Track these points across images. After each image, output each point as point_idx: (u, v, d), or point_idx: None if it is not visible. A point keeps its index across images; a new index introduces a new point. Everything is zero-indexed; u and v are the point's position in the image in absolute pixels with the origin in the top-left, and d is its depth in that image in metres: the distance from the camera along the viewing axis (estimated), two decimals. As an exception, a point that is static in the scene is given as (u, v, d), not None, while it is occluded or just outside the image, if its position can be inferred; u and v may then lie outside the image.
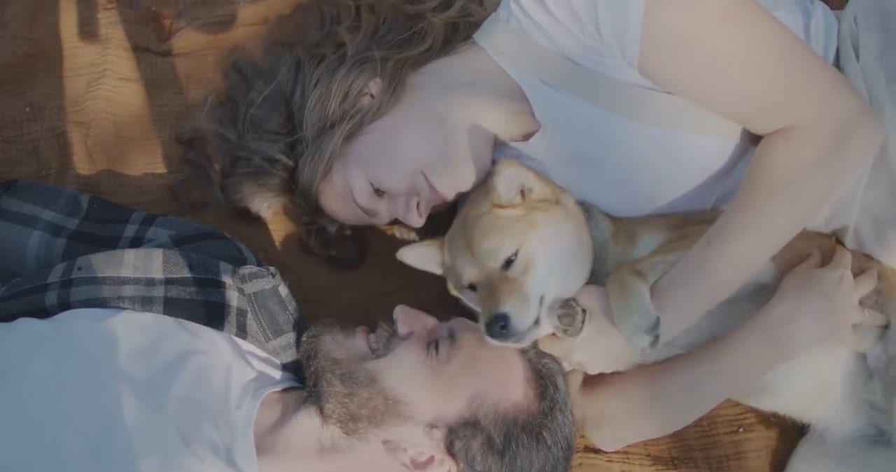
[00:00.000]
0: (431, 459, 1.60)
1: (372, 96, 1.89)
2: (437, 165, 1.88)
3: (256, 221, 2.14)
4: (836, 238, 1.93)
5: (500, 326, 1.64)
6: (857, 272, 1.84)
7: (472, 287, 1.77)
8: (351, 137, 1.89)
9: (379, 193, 1.92)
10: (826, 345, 1.79)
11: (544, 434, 1.64)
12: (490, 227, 1.76)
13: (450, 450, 1.60)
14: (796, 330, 1.74)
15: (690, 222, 1.85)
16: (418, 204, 1.92)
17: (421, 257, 1.93)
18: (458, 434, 1.59)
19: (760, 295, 1.80)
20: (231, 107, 2.08)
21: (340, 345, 1.72)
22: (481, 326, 1.67)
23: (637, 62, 1.68)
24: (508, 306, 1.66)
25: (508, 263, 1.71)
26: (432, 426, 1.60)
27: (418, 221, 1.94)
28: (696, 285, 1.69)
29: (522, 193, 1.79)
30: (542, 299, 1.70)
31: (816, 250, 1.86)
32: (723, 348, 1.78)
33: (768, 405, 1.95)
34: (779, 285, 1.80)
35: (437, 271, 1.93)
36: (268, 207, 2.10)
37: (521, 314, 1.67)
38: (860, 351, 1.82)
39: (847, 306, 1.77)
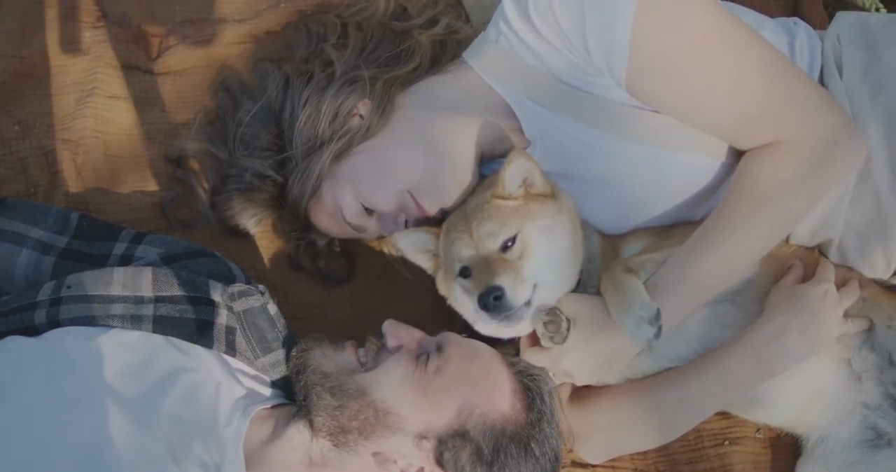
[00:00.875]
0: (421, 470, 1.61)
1: (361, 117, 1.90)
2: (425, 185, 1.90)
3: (245, 237, 2.14)
4: (819, 251, 1.95)
5: (494, 297, 1.65)
6: (840, 284, 1.87)
7: (465, 274, 1.77)
8: (340, 156, 1.90)
9: (368, 211, 1.93)
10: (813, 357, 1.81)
11: (532, 445, 1.66)
12: (491, 213, 1.78)
13: (439, 461, 1.61)
14: (785, 347, 1.77)
15: (672, 227, 1.88)
16: (406, 221, 1.94)
17: (415, 242, 1.93)
18: (447, 445, 1.60)
19: (742, 295, 1.83)
20: (220, 125, 2.10)
21: (330, 359, 1.73)
22: (474, 301, 1.68)
23: (625, 81, 1.70)
24: (503, 279, 1.68)
25: (506, 247, 1.74)
26: (422, 437, 1.61)
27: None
28: (680, 288, 1.72)
29: (525, 188, 1.82)
30: (535, 286, 1.71)
31: (798, 262, 1.89)
32: (712, 365, 1.80)
33: (759, 417, 1.98)
34: (765, 302, 1.83)
35: (426, 261, 1.93)
36: (257, 222, 2.10)
37: (516, 289, 1.68)
38: (845, 358, 1.85)
39: (832, 320, 1.81)
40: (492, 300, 1.65)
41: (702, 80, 1.69)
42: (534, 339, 1.76)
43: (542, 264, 1.74)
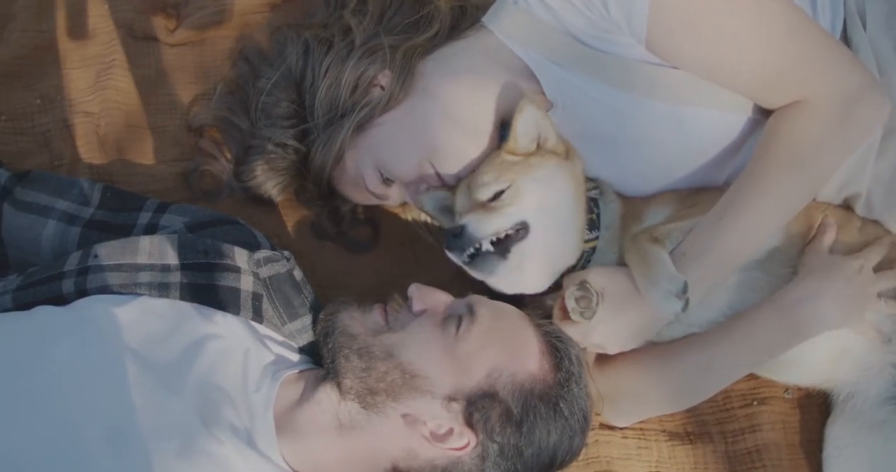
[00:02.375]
0: (451, 431, 1.61)
1: (382, 88, 1.90)
2: (444, 155, 1.90)
3: (269, 205, 2.15)
4: (846, 204, 1.94)
5: (453, 234, 1.70)
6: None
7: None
8: (361, 127, 1.90)
9: (388, 180, 1.93)
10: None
11: (561, 405, 1.65)
12: (493, 166, 1.81)
13: (468, 422, 1.60)
14: (815, 311, 1.76)
15: (698, 194, 1.86)
16: (427, 189, 1.95)
17: (436, 200, 1.96)
18: (476, 406, 1.60)
19: (771, 260, 1.82)
20: (241, 95, 2.10)
21: (357, 321, 1.73)
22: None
23: (645, 38, 1.69)
24: (468, 218, 1.72)
25: (497, 196, 1.76)
26: (451, 399, 1.61)
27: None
28: (708, 256, 1.71)
29: (539, 144, 1.83)
30: (519, 230, 1.74)
31: (831, 220, 1.87)
32: (741, 326, 1.79)
33: (787, 377, 1.97)
34: (799, 266, 1.82)
35: (449, 221, 1.95)
36: (280, 190, 2.11)
37: (480, 223, 1.72)
38: (873, 338, 1.83)
39: (865, 294, 1.79)
40: (448, 238, 1.70)
41: (722, 36, 1.67)
42: (565, 312, 1.75)
43: (535, 209, 1.75)
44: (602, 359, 1.89)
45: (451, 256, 1.75)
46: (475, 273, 1.78)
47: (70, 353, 1.58)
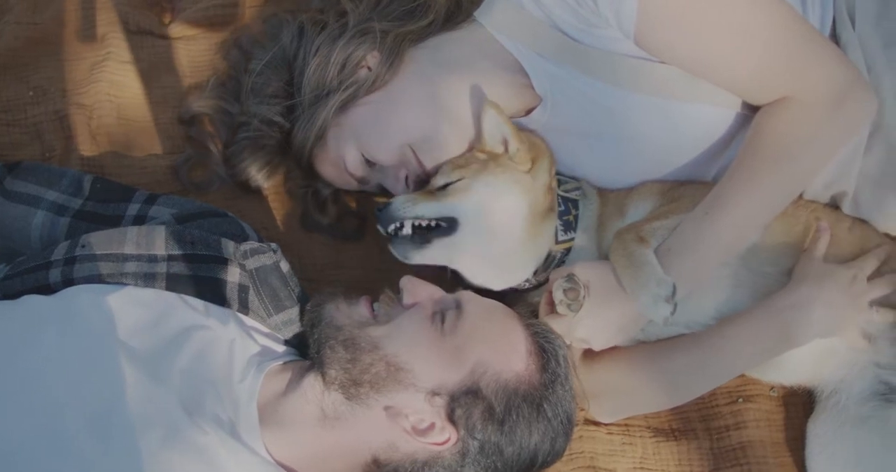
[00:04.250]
0: (432, 426, 1.60)
1: (369, 69, 1.90)
2: (426, 142, 1.90)
3: (257, 193, 2.15)
4: (833, 202, 1.94)
5: (378, 209, 1.80)
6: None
7: None
8: (345, 107, 1.91)
9: (369, 163, 1.94)
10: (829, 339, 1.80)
11: (545, 406, 1.65)
12: (461, 157, 1.86)
13: (450, 418, 1.60)
14: (806, 319, 1.76)
15: (681, 186, 1.87)
16: (406, 177, 1.95)
17: None
18: (459, 402, 1.60)
19: (753, 256, 1.81)
20: (233, 84, 2.10)
21: (343, 312, 1.73)
22: None
23: (633, 32, 1.69)
24: (399, 197, 1.81)
25: (446, 186, 1.80)
26: (434, 393, 1.60)
27: (406, 192, 1.96)
28: (694, 252, 1.71)
29: (506, 147, 1.85)
30: (445, 224, 1.79)
31: (825, 226, 1.86)
32: (731, 330, 1.79)
33: (771, 376, 1.97)
34: (793, 272, 1.81)
35: None
36: (266, 174, 2.11)
37: (403, 205, 1.80)
38: (862, 347, 1.83)
39: (857, 305, 1.79)
40: (376, 211, 1.79)
41: (710, 31, 1.68)
42: (552, 307, 1.76)
43: (472, 210, 1.79)
44: (589, 356, 1.89)
45: (379, 227, 1.83)
46: (393, 252, 1.83)
47: (55, 341, 1.58)
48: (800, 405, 2.00)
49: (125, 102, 2.23)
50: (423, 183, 1.95)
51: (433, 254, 1.81)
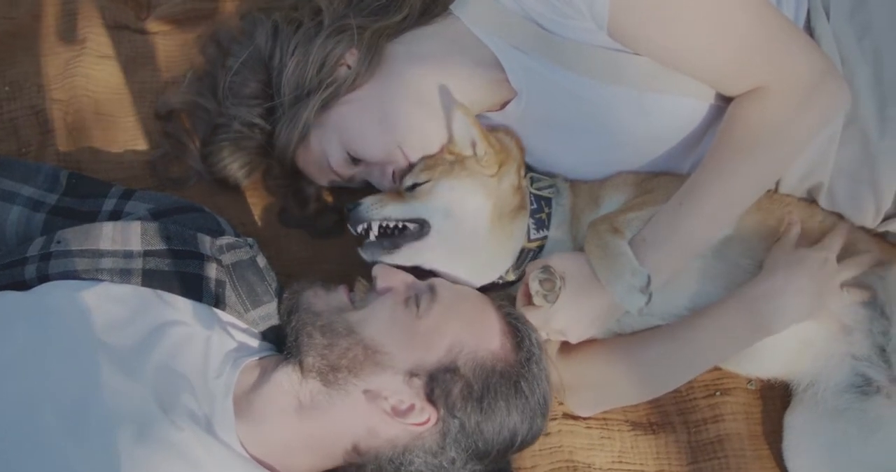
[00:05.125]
0: (412, 407, 1.61)
1: (348, 66, 1.89)
2: (413, 138, 1.90)
3: (236, 189, 2.15)
4: (809, 196, 1.95)
5: (348, 208, 1.82)
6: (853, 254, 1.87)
7: None
8: (327, 106, 1.90)
9: (355, 160, 1.93)
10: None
11: (522, 384, 1.66)
12: (431, 158, 1.87)
13: (429, 398, 1.61)
14: (780, 306, 1.76)
15: (655, 178, 1.87)
16: (394, 172, 1.94)
17: None
18: (437, 381, 1.61)
19: (727, 247, 1.82)
20: (209, 80, 2.09)
21: (321, 299, 1.74)
22: None
23: (606, 23, 1.70)
24: (370, 198, 1.84)
25: (413, 187, 1.82)
26: (412, 374, 1.61)
27: (393, 188, 1.96)
28: (668, 242, 1.71)
29: (474, 150, 1.86)
30: (415, 227, 1.82)
31: (796, 219, 1.88)
32: (705, 320, 1.80)
33: (749, 369, 1.97)
34: (764, 262, 1.82)
35: None
36: (247, 173, 2.10)
37: (372, 207, 1.83)
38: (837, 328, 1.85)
39: (828, 287, 1.80)
40: (346, 210, 1.82)
41: (683, 22, 1.68)
42: (528, 298, 1.76)
43: (439, 212, 1.81)
44: (566, 349, 1.90)
45: (349, 226, 1.86)
46: (363, 255, 1.86)
47: (28, 336, 1.58)
48: (777, 398, 2.01)
49: (102, 97, 2.22)
50: None
51: (402, 257, 1.83)
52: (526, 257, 1.86)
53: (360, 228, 1.85)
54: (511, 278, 1.88)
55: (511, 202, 1.86)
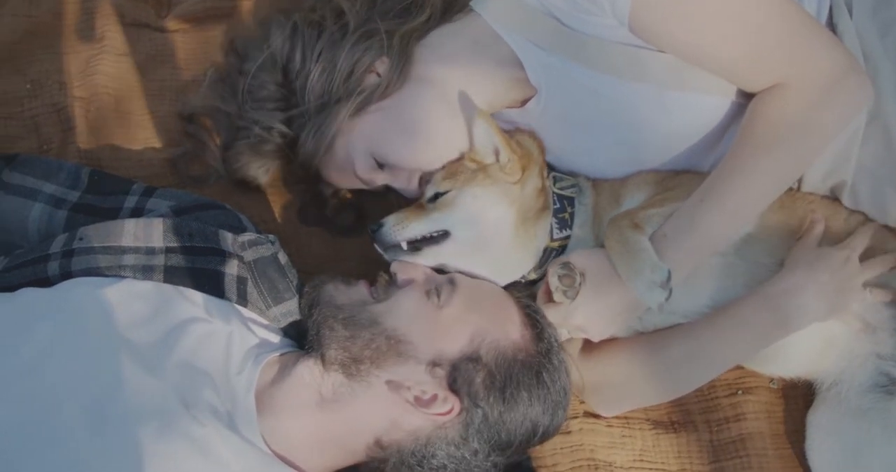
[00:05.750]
0: (434, 397, 1.61)
1: (378, 75, 1.88)
2: (442, 143, 1.90)
3: (255, 190, 2.15)
4: (832, 194, 1.94)
5: (372, 229, 1.86)
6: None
7: None
8: (355, 113, 1.88)
9: (381, 166, 1.93)
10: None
11: (543, 374, 1.66)
12: (451, 166, 1.87)
13: (452, 388, 1.61)
14: (801, 304, 1.76)
15: (677, 176, 1.87)
16: (421, 177, 1.94)
17: None
18: (459, 371, 1.61)
19: (748, 246, 1.81)
20: (230, 82, 2.09)
21: (343, 292, 1.75)
22: None
23: (627, 19, 1.69)
24: (391, 218, 1.83)
25: (435, 197, 1.82)
26: (434, 364, 1.62)
27: (418, 193, 1.96)
28: (689, 239, 1.70)
29: (497, 157, 1.85)
30: (448, 235, 1.81)
31: (819, 216, 1.87)
32: (727, 318, 1.79)
33: (772, 369, 1.97)
34: (786, 259, 1.81)
35: None
36: (265, 173, 2.10)
37: (394, 227, 1.82)
38: (859, 328, 1.84)
39: (850, 286, 1.79)
40: (370, 231, 1.85)
41: (705, 18, 1.68)
42: (549, 296, 1.76)
43: (461, 221, 1.80)
44: (588, 348, 1.89)
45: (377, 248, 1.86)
46: (384, 255, 1.86)
47: (52, 333, 1.58)
48: (800, 397, 2.00)
49: (122, 94, 2.23)
50: None
51: (424, 258, 1.82)
52: (549, 256, 1.85)
53: (394, 251, 1.85)
54: (533, 276, 1.87)
55: (535, 206, 1.86)
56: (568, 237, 1.86)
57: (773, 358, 1.89)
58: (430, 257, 1.82)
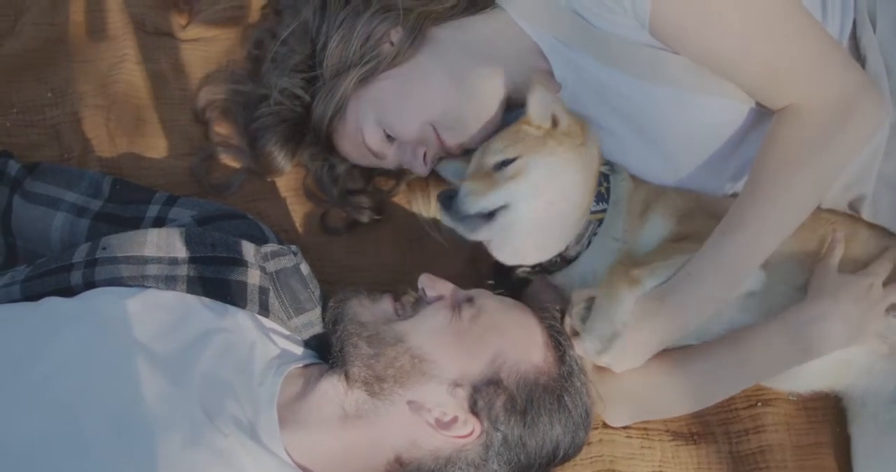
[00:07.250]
0: (455, 419, 1.61)
1: (392, 44, 1.91)
2: (447, 119, 1.91)
3: (280, 173, 2.15)
4: (851, 208, 1.93)
5: (444, 199, 1.75)
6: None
7: None
8: (366, 80, 1.92)
9: (389, 138, 1.95)
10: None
11: (565, 398, 1.66)
12: (509, 134, 1.83)
13: (473, 410, 1.61)
14: (825, 332, 1.75)
15: (700, 213, 1.85)
16: (425, 154, 1.96)
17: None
18: (481, 393, 1.61)
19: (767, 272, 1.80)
20: (251, 66, 2.13)
21: (367, 309, 1.74)
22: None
23: (648, 21, 1.70)
24: (465, 188, 1.75)
25: (502, 165, 1.78)
26: (456, 384, 1.61)
27: (423, 170, 1.99)
28: (713, 275, 1.69)
29: (555, 122, 1.84)
30: (507, 206, 1.75)
31: (839, 235, 1.86)
32: (748, 343, 1.78)
33: (788, 385, 1.96)
34: (808, 285, 1.81)
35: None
36: (288, 154, 2.10)
37: (469, 196, 1.75)
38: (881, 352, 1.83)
39: (874, 313, 1.78)
40: (444, 198, 1.75)
41: (722, 25, 1.67)
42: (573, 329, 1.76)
43: (530, 192, 1.76)
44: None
45: (442, 213, 1.79)
46: (458, 228, 1.80)
47: (75, 343, 1.58)
48: (819, 409, 2.00)
49: (143, 103, 2.23)
50: (440, 160, 2.00)
51: (495, 230, 1.78)
52: (587, 228, 1.85)
53: (471, 222, 1.78)
54: (572, 253, 1.86)
55: (598, 168, 1.85)
56: (604, 211, 1.85)
57: (786, 377, 1.86)
58: (501, 226, 1.77)
